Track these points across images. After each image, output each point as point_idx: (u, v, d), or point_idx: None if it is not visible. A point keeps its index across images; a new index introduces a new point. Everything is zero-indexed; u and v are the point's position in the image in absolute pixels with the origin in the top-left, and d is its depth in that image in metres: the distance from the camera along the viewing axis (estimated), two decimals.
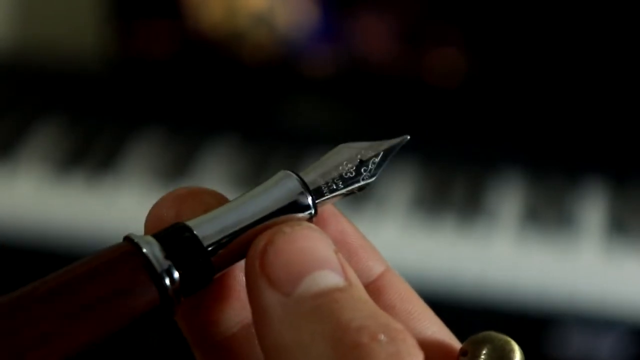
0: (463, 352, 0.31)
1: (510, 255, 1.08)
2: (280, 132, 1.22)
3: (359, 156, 0.32)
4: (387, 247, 1.09)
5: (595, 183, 1.15)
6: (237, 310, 0.31)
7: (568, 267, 1.07)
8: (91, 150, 1.17)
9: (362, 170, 0.32)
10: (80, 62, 1.31)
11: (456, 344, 0.32)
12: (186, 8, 1.26)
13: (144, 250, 0.28)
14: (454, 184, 1.14)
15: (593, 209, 1.12)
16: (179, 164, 1.16)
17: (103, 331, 0.27)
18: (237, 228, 0.30)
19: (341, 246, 0.32)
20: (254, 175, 1.14)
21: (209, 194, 0.31)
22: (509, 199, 1.13)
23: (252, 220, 0.30)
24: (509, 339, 0.31)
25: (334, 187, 0.31)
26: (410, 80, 1.25)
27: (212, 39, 1.27)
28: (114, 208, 1.10)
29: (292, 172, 0.31)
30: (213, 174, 1.14)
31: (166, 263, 0.28)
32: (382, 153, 0.33)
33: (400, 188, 1.13)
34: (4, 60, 1.32)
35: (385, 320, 0.27)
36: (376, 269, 0.33)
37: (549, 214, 1.11)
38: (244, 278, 0.30)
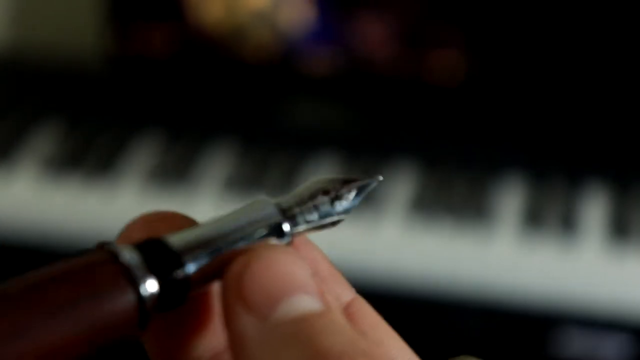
0: None
1: (511, 257, 1.08)
2: (280, 132, 1.21)
3: (333, 191, 0.32)
4: (386, 248, 1.09)
5: (596, 184, 1.15)
6: (208, 337, 0.30)
7: (569, 269, 1.07)
8: (90, 152, 1.16)
9: (337, 204, 0.32)
10: (80, 62, 1.31)
11: None
12: (186, 7, 1.26)
13: (123, 256, 0.27)
14: (454, 185, 1.14)
15: (594, 211, 1.12)
16: (178, 165, 1.15)
17: (74, 336, 0.26)
18: (214, 247, 0.29)
19: (313, 271, 0.31)
20: (254, 175, 1.14)
21: (181, 218, 0.31)
22: (509, 201, 1.13)
23: (229, 240, 0.29)
24: None
25: (309, 218, 0.31)
26: (410, 81, 1.25)
27: (212, 38, 1.26)
28: (113, 209, 1.10)
29: (270, 199, 0.31)
30: (212, 175, 1.14)
31: (145, 272, 0.28)
32: (355, 191, 0.32)
33: (400, 189, 1.13)
34: (2, 61, 1.31)
35: (365, 345, 0.27)
36: (345, 296, 0.32)
37: (550, 215, 1.11)
38: (216, 304, 0.30)
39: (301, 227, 0.31)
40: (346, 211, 0.32)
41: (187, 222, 0.30)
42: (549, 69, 1.23)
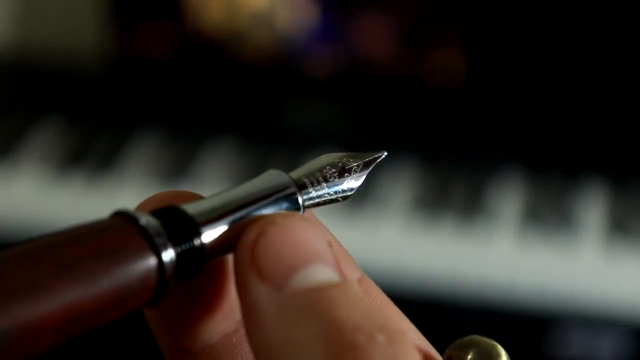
0: (448, 357, 0.30)
1: (510, 255, 1.08)
2: (280, 133, 1.22)
3: (340, 164, 0.32)
4: (387, 247, 1.10)
5: (595, 183, 1.15)
6: (218, 319, 0.29)
7: (568, 267, 1.07)
8: (91, 151, 1.17)
9: (345, 176, 0.32)
10: (81, 62, 1.31)
11: (435, 353, 0.30)
12: (186, 8, 1.26)
13: (142, 221, 0.27)
14: (454, 184, 1.14)
15: (593, 209, 1.12)
16: (178, 164, 1.16)
17: (92, 294, 0.25)
18: (230, 216, 0.28)
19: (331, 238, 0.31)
20: (254, 175, 1.14)
21: (196, 196, 0.30)
22: (509, 199, 1.13)
23: (243, 209, 0.29)
24: (495, 343, 0.30)
25: (320, 190, 0.31)
26: (410, 81, 1.25)
27: (212, 39, 1.27)
28: (114, 208, 1.10)
29: (282, 171, 0.30)
30: (213, 174, 1.14)
31: (164, 237, 0.27)
32: (362, 164, 0.32)
33: (400, 188, 1.13)
34: (4, 61, 1.32)
35: (383, 320, 0.26)
36: (353, 276, 0.31)
37: (549, 214, 1.11)
38: (226, 283, 0.29)
39: (313, 200, 0.30)
40: (354, 186, 0.32)
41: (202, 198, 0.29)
42: (548, 69, 1.23)
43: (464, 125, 1.24)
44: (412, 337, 0.30)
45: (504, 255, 1.08)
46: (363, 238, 1.08)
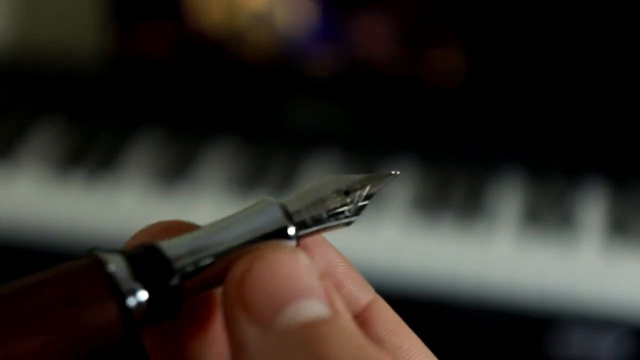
0: None
1: (510, 256, 1.08)
2: (280, 133, 1.22)
3: (345, 189, 0.30)
4: (387, 247, 1.09)
5: (595, 183, 1.15)
6: (215, 347, 0.29)
7: (568, 268, 1.07)
8: (91, 151, 1.17)
9: (348, 202, 0.30)
10: (81, 62, 1.31)
11: None
12: (186, 8, 1.26)
13: (109, 265, 0.26)
14: (453, 185, 1.14)
15: (593, 209, 1.12)
16: (178, 164, 1.16)
17: (55, 343, 0.25)
18: (212, 252, 0.27)
19: (322, 272, 0.29)
20: (254, 175, 1.14)
21: (187, 226, 0.29)
22: (509, 200, 1.13)
23: (229, 246, 0.28)
24: None
25: (318, 219, 0.29)
26: (410, 81, 1.25)
27: (212, 39, 1.27)
28: (114, 208, 1.10)
29: (275, 200, 0.29)
30: (213, 174, 1.14)
31: (132, 282, 0.26)
32: (369, 187, 0.31)
33: (400, 188, 1.13)
34: (4, 60, 1.32)
35: (375, 355, 0.25)
36: (363, 299, 0.31)
37: (549, 214, 1.11)
38: (219, 310, 0.28)
39: (310, 229, 0.29)
40: (358, 210, 0.30)
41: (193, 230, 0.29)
42: (548, 69, 1.23)
43: (464, 125, 1.24)
44: None
45: (504, 255, 1.08)
46: (363, 238, 1.08)
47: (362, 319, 0.30)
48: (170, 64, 1.29)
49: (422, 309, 1.06)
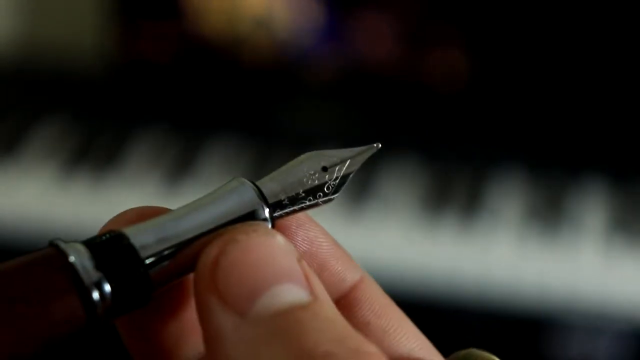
0: None
1: (510, 255, 1.08)
2: (281, 136, 1.22)
3: (322, 164, 0.28)
4: (388, 246, 1.10)
5: (595, 183, 1.16)
6: (195, 337, 0.27)
7: (568, 267, 1.07)
8: (94, 150, 1.17)
9: (327, 179, 0.28)
10: (83, 63, 1.31)
11: (437, 358, 0.29)
12: (187, 12, 1.27)
13: (71, 258, 0.24)
14: (455, 185, 1.15)
15: (594, 209, 1.13)
16: (180, 165, 1.16)
17: (15, 336, 0.23)
18: (181, 238, 0.26)
19: (309, 258, 0.28)
20: (255, 177, 1.14)
21: (163, 211, 0.27)
22: (510, 199, 1.13)
23: (199, 230, 0.26)
24: (493, 356, 0.29)
25: (295, 198, 0.28)
26: (411, 82, 1.25)
27: (213, 43, 1.27)
28: (118, 207, 1.10)
29: (248, 180, 0.28)
30: (214, 176, 1.15)
31: (96, 274, 0.24)
32: (348, 162, 0.29)
33: (401, 188, 1.14)
34: (7, 62, 1.32)
35: (356, 343, 0.24)
36: (350, 279, 0.29)
37: (549, 213, 1.11)
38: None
39: (287, 209, 0.28)
40: (337, 189, 0.28)
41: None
42: (548, 68, 1.23)
43: (465, 126, 1.24)
44: (411, 340, 0.29)
45: (504, 255, 1.08)
46: (364, 238, 1.08)
47: (348, 300, 0.29)
48: (172, 66, 1.29)
49: (422, 308, 1.06)
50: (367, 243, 1.08)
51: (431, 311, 1.07)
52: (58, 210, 1.11)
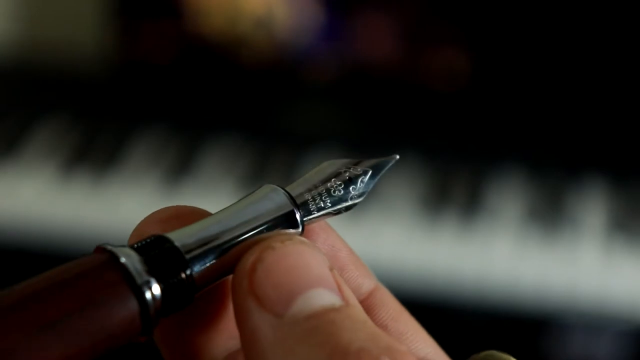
0: None
1: (510, 255, 1.08)
2: (281, 136, 1.22)
3: (347, 174, 0.30)
4: (389, 246, 1.10)
5: (595, 183, 1.16)
6: (224, 337, 0.29)
7: (568, 267, 1.07)
8: (94, 150, 1.17)
9: (351, 188, 0.30)
10: (83, 63, 1.31)
11: None
12: (188, 12, 1.27)
13: (122, 260, 0.25)
14: (455, 185, 1.15)
15: (594, 209, 1.13)
16: (181, 164, 1.16)
17: (75, 349, 0.24)
18: (221, 242, 0.27)
19: (331, 262, 0.29)
20: (256, 176, 1.15)
21: (197, 213, 0.29)
22: (510, 199, 1.13)
23: (237, 234, 0.27)
24: (511, 357, 0.30)
25: (322, 204, 0.29)
26: (412, 82, 1.25)
27: (214, 43, 1.27)
28: (117, 208, 1.11)
29: (279, 186, 0.29)
30: (215, 176, 1.15)
31: (146, 276, 0.25)
32: (370, 172, 0.30)
33: (402, 188, 1.14)
34: (8, 62, 1.32)
35: (388, 342, 0.25)
36: (366, 286, 0.31)
37: (549, 213, 1.11)
38: (228, 303, 0.28)
39: (313, 215, 0.29)
40: (361, 195, 0.30)
41: (204, 217, 0.28)
42: (549, 68, 1.23)
43: (465, 125, 1.24)
44: (424, 347, 0.30)
45: (504, 254, 1.08)
46: (364, 238, 1.08)
47: (365, 305, 0.30)
48: (171, 66, 1.29)
49: (422, 308, 1.06)
50: (367, 243, 1.08)
51: (431, 311, 1.07)
52: (58, 210, 1.11)
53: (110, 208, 1.11)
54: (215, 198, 1.12)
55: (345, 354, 0.24)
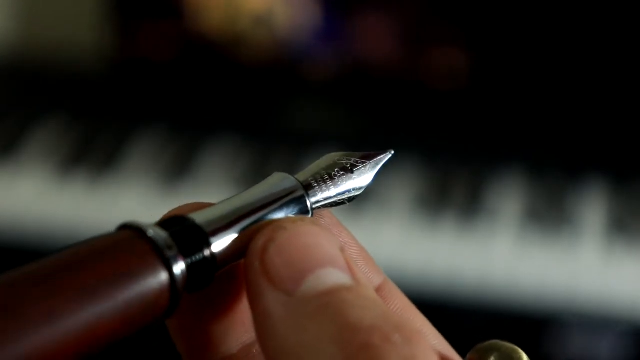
0: None
1: (510, 255, 1.08)
2: (281, 134, 1.22)
3: (348, 165, 0.31)
4: (388, 247, 1.10)
5: (595, 183, 1.16)
6: (237, 329, 0.29)
7: (568, 267, 1.07)
8: (93, 150, 1.17)
9: (353, 179, 0.31)
10: (82, 63, 1.31)
11: (456, 357, 0.30)
12: (187, 10, 1.27)
13: (150, 234, 0.26)
14: (454, 185, 1.15)
15: (593, 209, 1.13)
16: (180, 164, 1.16)
17: (110, 316, 0.25)
18: (238, 222, 0.28)
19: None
20: (255, 176, 1.15)
21: (204, 207, 0.29)
22: (509, 199, 1.13)
23: (252, 215, 0.28)
24: (516, 347, 0.30)
25: (327, 192, 0.30)
26: (411, 81, 1.25)
27: (213, 41, 1.27)
28: (116, 207, 1.11)
29: (287, 174, 0.30)
30: (214, 175, 1.15)
31: (174, 249, 0.26)
32: (370, 163, 0.32)
33: (401, 188, 1.14)
34: (6, 61, 1.32)
35: (399, 320, 0.25)
36: (375, 280, 0.31)
37: (549, 213, 1.11)
38: (242, 293, 0.29)
39: (319, 203, 0.30)
40: (361, 187, 0.31)
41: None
42: (549, 68, 1.23)
43: (465, 125, 1.24)
44: (431, 339, 0.30)
45: (504, 255, 1.08)
46: (364, 238, 1.08)
47: None
48: (171, 65, 1.29)
49: (422, 308, 1.06)
50: (366, 243, 1.07)
51: (431, 311, 1.07)
52: (56, 210, 1.11)
53: (109, 208, 1.11)
54: (215, 198, 1.11)
55: (356, 331, 0.24)
